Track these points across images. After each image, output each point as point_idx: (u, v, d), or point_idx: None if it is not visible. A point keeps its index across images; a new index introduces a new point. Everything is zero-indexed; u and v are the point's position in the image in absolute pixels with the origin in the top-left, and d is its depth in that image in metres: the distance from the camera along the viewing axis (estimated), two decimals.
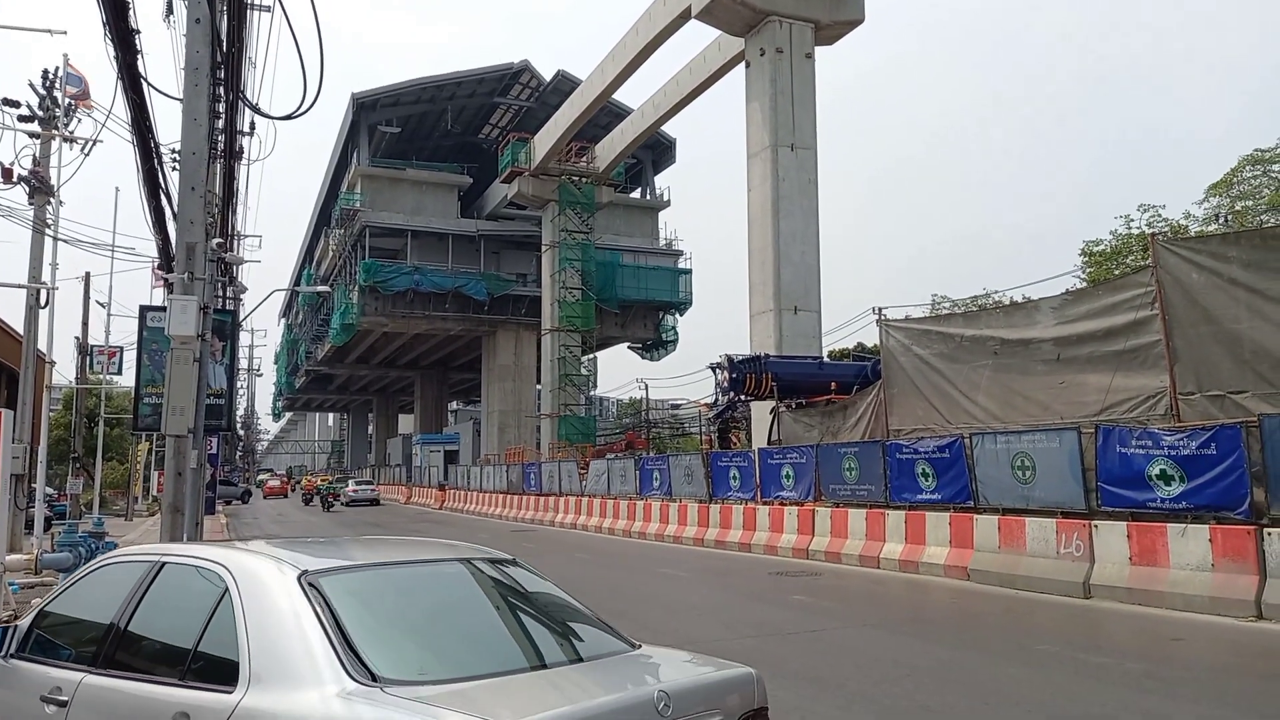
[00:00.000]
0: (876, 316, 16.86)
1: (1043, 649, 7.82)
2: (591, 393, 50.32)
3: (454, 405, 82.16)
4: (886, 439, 14.90)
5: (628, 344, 55.93)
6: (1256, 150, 25.83)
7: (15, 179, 16.13)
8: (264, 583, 2.93)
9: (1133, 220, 25.60)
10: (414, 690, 2.51)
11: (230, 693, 2.62)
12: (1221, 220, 23.85)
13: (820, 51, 28.08)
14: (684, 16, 29.26)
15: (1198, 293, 10.63)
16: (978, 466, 12.39)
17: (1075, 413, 11.95)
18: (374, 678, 2.55)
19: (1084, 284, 22.11)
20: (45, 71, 17.08)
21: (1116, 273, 21.70)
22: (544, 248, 45.91)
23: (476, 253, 51.12)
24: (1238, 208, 24.33)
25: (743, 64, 28.71)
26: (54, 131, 17.07)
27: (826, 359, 26.41)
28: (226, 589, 2.95)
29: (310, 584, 2.87)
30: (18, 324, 18.61)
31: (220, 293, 16.22)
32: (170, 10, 12.66)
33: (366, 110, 49.46)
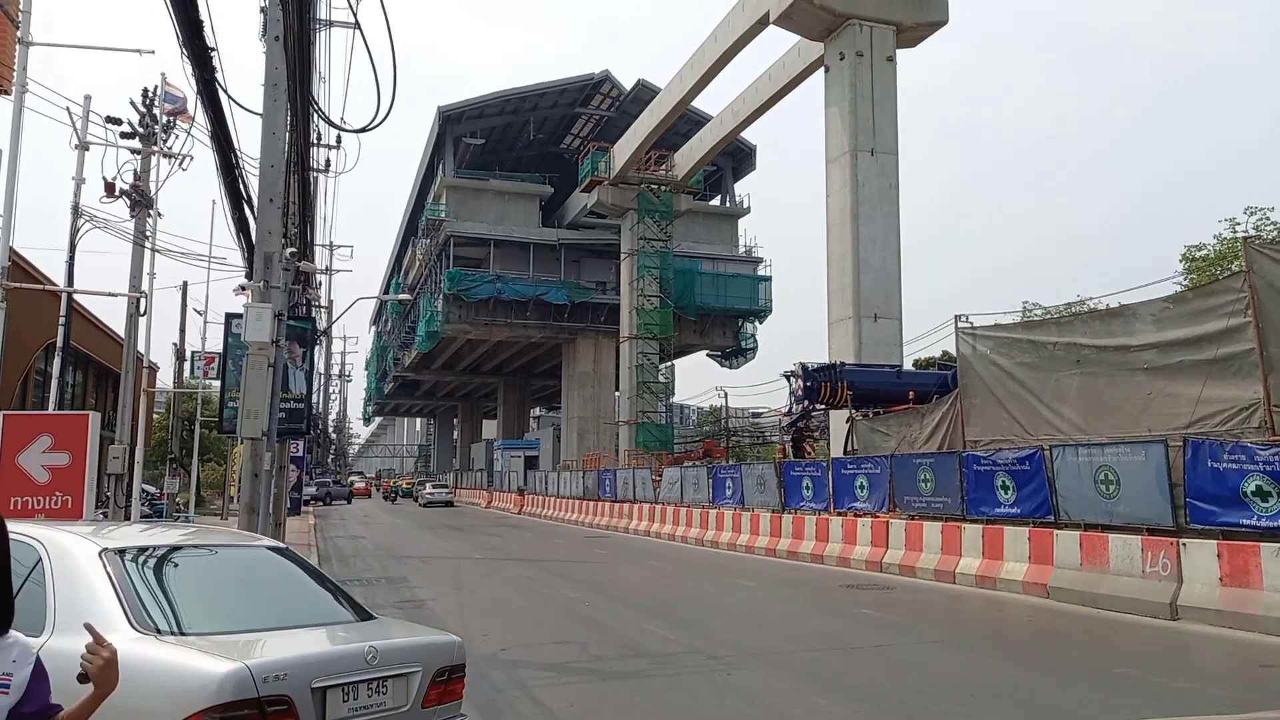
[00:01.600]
0: (957, 325, 16.37)
1: (1120, 671, 7.42)
2: (670, 400, 50.28)
3: (536, 411, 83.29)
4: (963, 450, 14.42)
5: (706, 351, 55.75)
6: None
7: (117, 193, 17.06)
8: (71, 553, 3.77)
9: (1239, 224, 24.27)
10: (182, 639, 3.42)
11: (38, 636, 3.26)
12: None
13: (901, 54, 27.52)
14: (763, 22, 29.07)
15: None
16: (1058, 479, 11.87)
17: (1164, 425, 11.34)
18: (156, 630, 3.43)
19: (1184, 290, 21.01)
20: (145, 90, 18.00)
21: (1220, 277, 20.55)
22: (623, 256, 46.17)
23: (557, 261, 51.78)
24: None
25: (822, 69, 28.36)
26: (153, 148, 17.99)
27: (910, 368, 25.81)
28: (40, 558, 3.73)
29: (108, 557, 3.73)
30: (121, 331, 19.68)
31: (301, 300, 16.80)
32: (266, 30, 13.20)
33: (452, 123, 50.68)
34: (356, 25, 13.84)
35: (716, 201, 55.55)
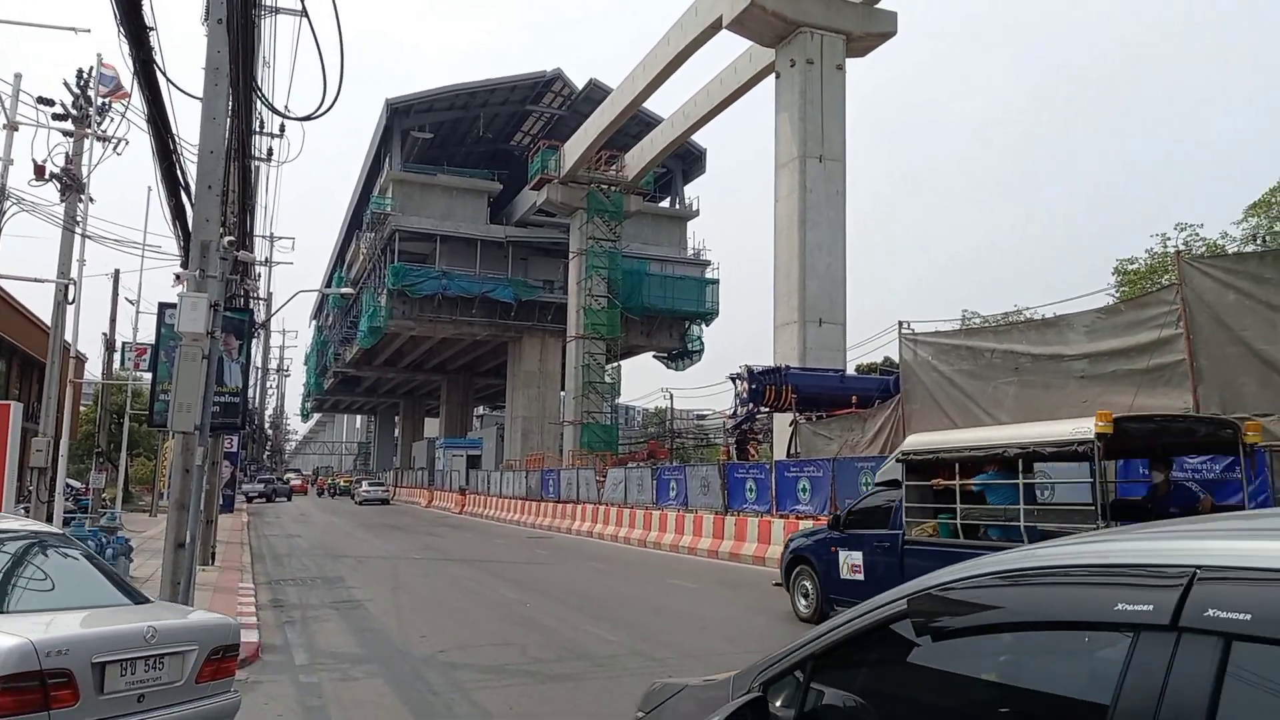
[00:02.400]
0: (900, 331, 16.61)
1: None
2: (615, 401, 50.20)
3: (479, 410, 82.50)
4: None
5: (653, 353, 55.83)
6: None
7: (47, 176, 16.39)
8: None
9: (1169, 238, 25.09)
10: None
11: None
12: (1259, 240, 23.28)
13: (850, 63, 27.88)
14: (715, 27, 29.20)
15: (1226, 312, 10.31)
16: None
17: None
18: None
19: (1116, 302, 21.64)
20: (80, 71, 17.34)
21: (1152, 290, 21.20)
22: (571, 255, 46.00)
23: (505, 259, 51.36)
24: (1276, 229, 23.73)
25: (773, 75, 28.59)
26: (87, 130, 17.33)
27: (853, 372, 26.13)
28: None
29: None
30: (48, 319, 18.89)
31: (239, 291, 16.33)
32: (209, 13, 12.81)
33: (400, 116, 49.94)
34: (304, 12, 13.51)
35: (666, 203, 55.68)
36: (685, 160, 53.42)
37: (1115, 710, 1.39)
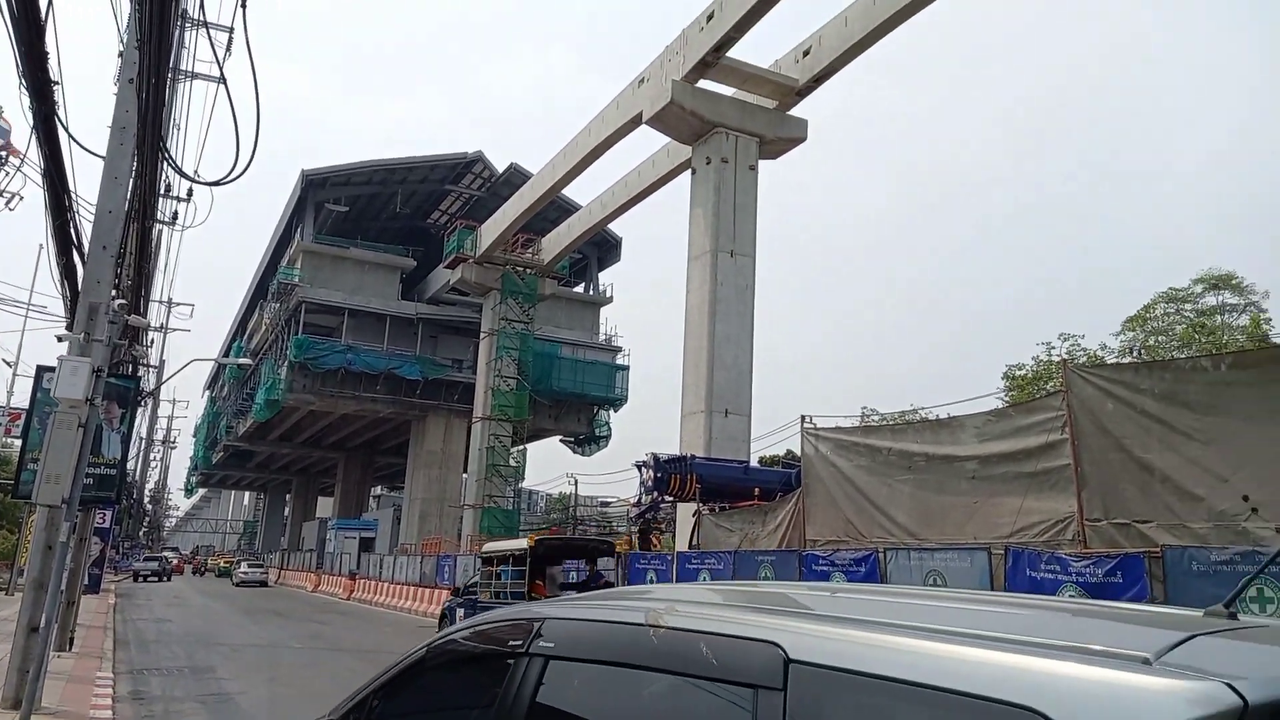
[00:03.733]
0: (803, 425, 16.91)
1: None
2: (519, 485, 49.37)
3: (377, 490, 79.83)
4: (803, 549, 14.73)
5: (560, 437, 55.40)
6: (1170, 289, 27.20)
7: None
8: None
9: (1054, 347, 26.55)
10: None
11: None
12: (1135, 353, 24.84)
13: (764, 163, 29.03)
14: (635, 122, 30.10)
15: (1108, 420, 10.84)
16: (891, 581, 12.24)
17: (989, 533, 11.96)
18: None
19: (1006, 406, 22.62)
20: None
21: (1039, 396, 22.28)
22: (483, 335, 45.69)
23: (414, 336, 50.65)
24: (1151, 342, 25.40)
25: (689, 171, 29.49)
26: None
27: (756, 464, 26.36)
28: None
29: None
30: None
31: (126, 357, 15.55)
32: (121, 73, 12.49)
33: (316, 187, 49.42)
34: (221, 79, 13.36)
35: (580, 289, 56.18)
36: (601, 247, 54.25)
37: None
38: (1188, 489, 9.85)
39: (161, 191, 18.70)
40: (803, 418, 16.62)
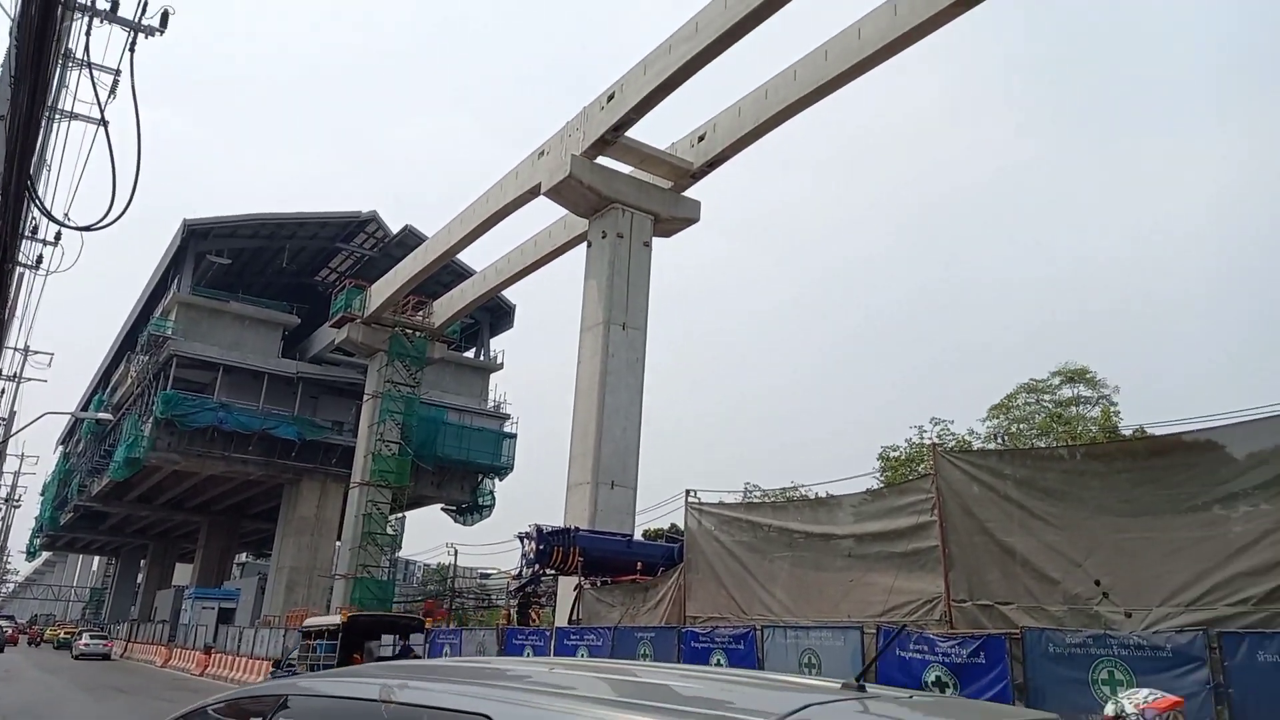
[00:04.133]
0: (687, 499, 16.99)
1: None
2: (396, 554, 47.56)
3: (242, 557, 75.51)
4: (683, 625, 14.65)
5: (442, 505, 53.91)
6: (1031, 380, 28.97)
7: None
8: None
9: (925, 431, 27.72)
10: None
11: None
12: (999, 439, 26.19)
13: (657, 241, 29.69)
14: (534, 192, 30.37)
15: (973, 503, 11.32)
16: (768, 659, 12.28)
17: (861, 611, 12.20)
18: None
19: (881, 487, 23.39)
20: None
21: (911, 478, 23.14)
22: (366, 397, 44.39)
23: (293, 395, 48.76)
24: (1014, 429, 26.86)
25: (585, 243, 29.86)
26: None
27: (640, 538, 26.25)
28: None
29: None
30: None
31: None
32: None
33: (198, 238, 47.57)
34: (102, 121, 12.86)
35: (471, 354, 55.52)
36: (494, 313, 53.95)
37: None
38: (1045, 572, 10.33)
39: (28, 234, 17.68)
40: (687, 492, 16.72)
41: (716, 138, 27.41)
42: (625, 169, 28.80)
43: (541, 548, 19.86)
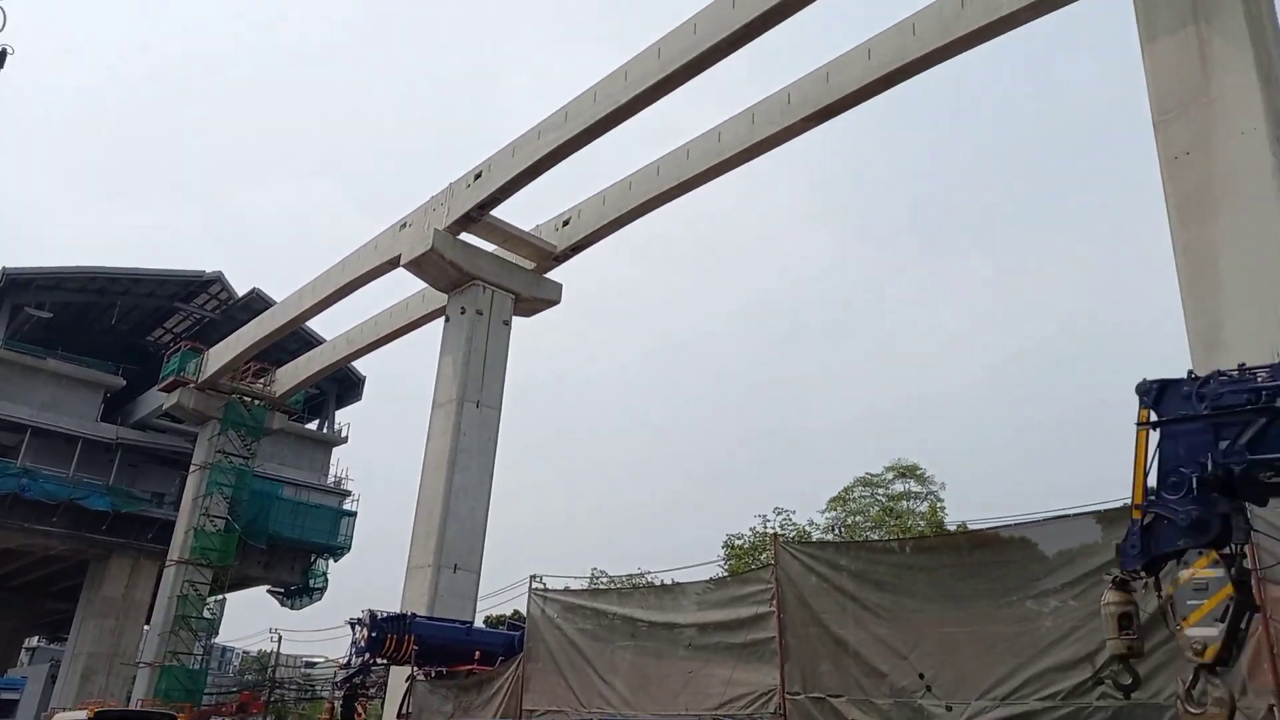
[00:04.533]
0: (531, 585, 16.56)
1: None
2: (212, 640, 43.90)
3: (33, 641, 67.79)
4: (519, 718, 14.07)
5: (269, 587, 50.39)
6: (867, 474, 30.29)
7: None
8: None
9: (768, 520, 28.36)
10: None
11: None
12: (836, 531, 27.09)
13: (518, 320, 29.62)
14: (393, 263, 29.80)
15: (810, 594, 11.53)
16: None
17: (699, 703, 12.08)
18: None
19: (725, 574, 23.59)
20: None
21: (753, 567, 23.47)
22: (193, 468, 41.41)
23: (110, 463, 44.84)
24: (850, 521, 27.87)
25: (443, 318, 29.43)
26: None
27: (481, 625, 25.33)
28: None
29: None
30: None
31: None
32: None
33: (17, 289, 43.72)
34: None
35: (314, 425, 53.00)
36: (342, 384, 51.93)
37: None
38: (874, 665, 10.56)
39: None
40: (531, 577, 16.30)
41: (581, 223, 27.90)
42: (489, 247, 28.79)
43: (374, 634, 18.76)
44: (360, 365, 46.80)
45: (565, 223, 28.50)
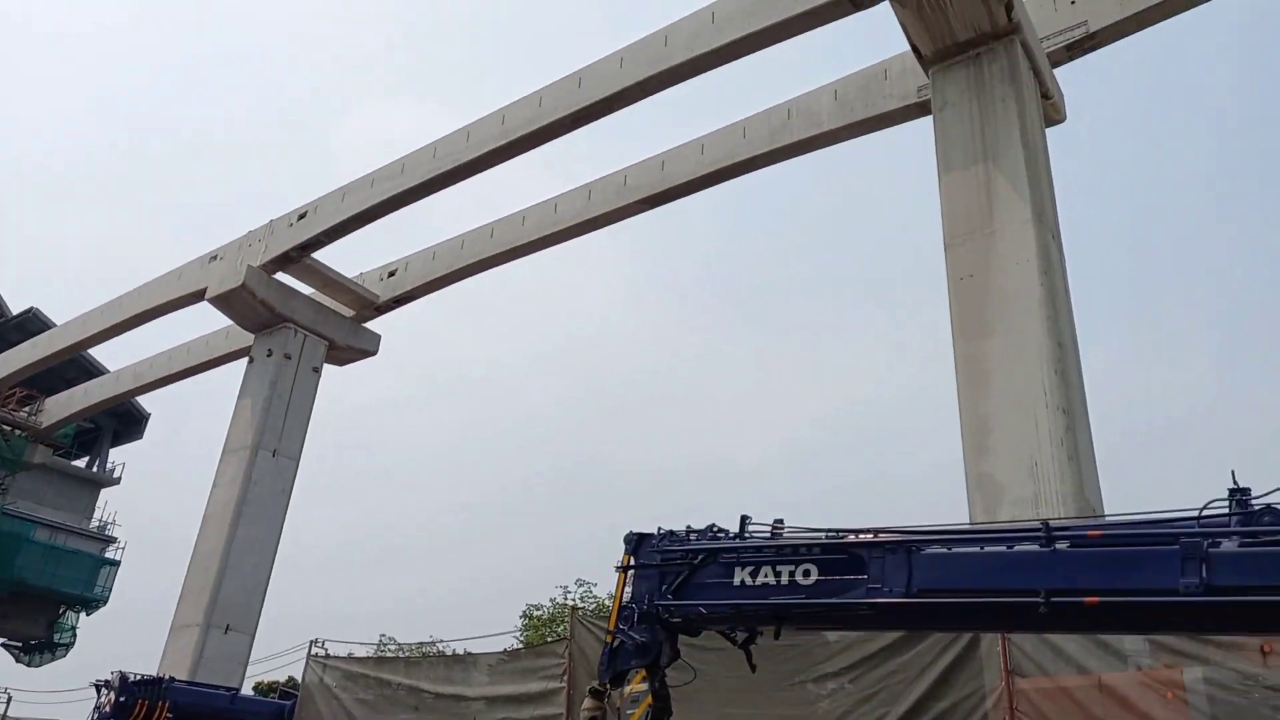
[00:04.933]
0: (310, 650, 15.54)
1: None
2: None
3: None
4: None
5: (4, 640, 44.43)
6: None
7: None
8: None
9: (569, 591, 28.03)
10: None
11: None
12: None
13: (328, 369, 28.35)
14: (197, 296, 27.90)
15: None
16: None
17: None
18: None
19: (521, 645, 23.01)
20: None
21: (549, 639, 23.04)
22: None
23: None
24: None
25: (247, 358, 27.76)
26: None
27: (250, 692, 23.42)
28: None
29: None
30: None
31: None
32: None
33: None
34: None
35: (83, 463, 47.99)
36: (123, 421, 47.46)
37: None
38: None
39: None
40: (312, 642, 15.33)
41: (407, 276, 27.32)
42: (306, 289, 27.59)
43: (122, 699, 16.90)
44: (147, 401, 43.09)
45: (391, 273, 27.82)
